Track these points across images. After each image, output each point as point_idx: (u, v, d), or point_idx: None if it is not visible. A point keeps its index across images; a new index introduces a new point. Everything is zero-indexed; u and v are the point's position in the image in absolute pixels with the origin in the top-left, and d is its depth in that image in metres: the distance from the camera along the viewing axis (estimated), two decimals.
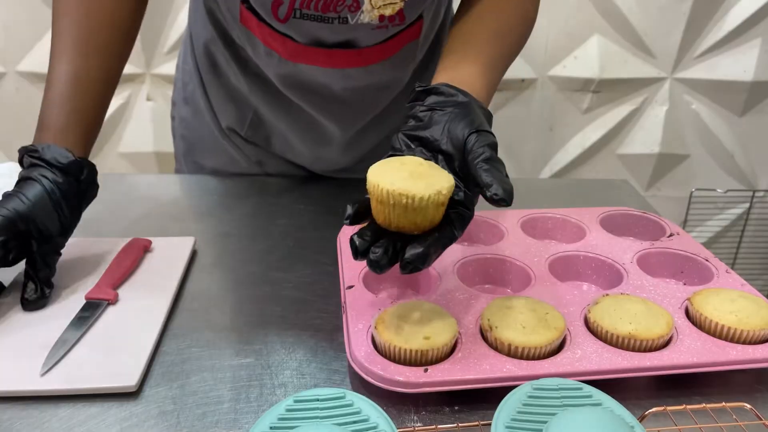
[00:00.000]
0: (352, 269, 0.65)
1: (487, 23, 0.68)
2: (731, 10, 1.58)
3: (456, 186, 0.52)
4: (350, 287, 0.63)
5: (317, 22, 0.70)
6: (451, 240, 0.51)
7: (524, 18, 0.72)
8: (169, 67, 1.57)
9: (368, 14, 0.70)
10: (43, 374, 0.52)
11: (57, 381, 0.52)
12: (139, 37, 0.73)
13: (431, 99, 0.57)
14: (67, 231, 0.64)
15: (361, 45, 0.74)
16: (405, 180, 0.48)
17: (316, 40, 0.73)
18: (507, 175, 0.50)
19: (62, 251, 0.64)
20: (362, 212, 0.51)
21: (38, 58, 1.56)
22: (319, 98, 0.81)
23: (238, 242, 0.77)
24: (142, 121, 1.64)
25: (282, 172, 0.94)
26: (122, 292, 0.64)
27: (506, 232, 0.74)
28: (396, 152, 0.56)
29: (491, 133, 0.54)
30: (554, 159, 1.74)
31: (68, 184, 0.63)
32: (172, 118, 0.97)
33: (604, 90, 1.66)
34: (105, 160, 1.68)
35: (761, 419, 0.49)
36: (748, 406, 0.50)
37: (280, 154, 0.92)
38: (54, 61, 0.66)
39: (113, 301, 0.62)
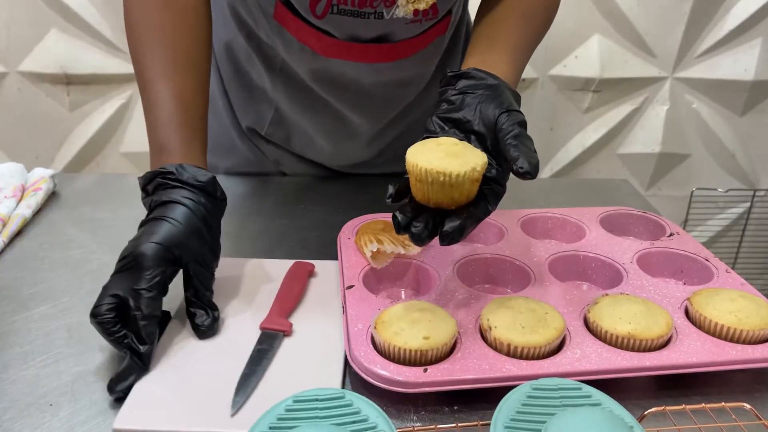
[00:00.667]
0: (351, 269, 0.66)
1: (515, 7, 0.70)
2: (732, 10, 1.58)
3: (489, 164, 0.56)
4: (350, 287, 0.63)
5: (353, 17, 0.71)
6: (486, 214, 0.55)
7: (551, 1, 0.75)
8: None
9: (403, 9, 0.71)
10: (233, 415, 0.50)
11: (250, 422, 0.47)
12: None
13: (462, 83, 0.60)
14: (216, 251, 0.62)
15: (394, 40, 0.76)
16: (441, 159, 0.52)
17: (351, 35, 0.74)
18: (535, 150, 0.54)
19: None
20: (402, 191, 0.55)
21: (40, 58, 1.56)
22: (348, 93, 0.82)
23: (239, 242, 0.77)
24: (143, 121, 1.64)
25: (298, 171, 0.95)
26: (293, 320, 0.61)
27: (506, 231, 0.74)
28: (430, 134, 0.59)
29: (520, 112, 0.58)
30: (555, 158, 1.74)
31: (209, 202, 0.61)
32: None
33: (605, 89, 1.66)
34: (107, 160, 1.68)
35: (761, 419, 0.49)
36: (748, 406, 0.50)
37: (299, 153, 0.92)
38: (151, 83, 0.65)
39: (288, 332, 0.59)
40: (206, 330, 0.58)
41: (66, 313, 0.63)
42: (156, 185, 0.61)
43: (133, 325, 0.54)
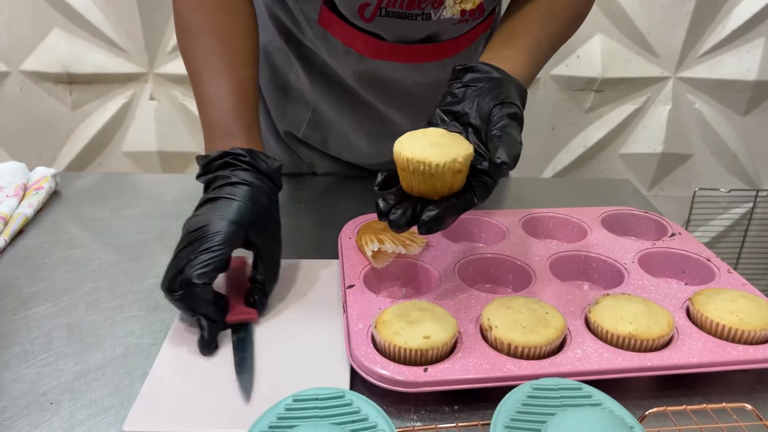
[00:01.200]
0: (352, 268, 0.65)
1: (538, 5, 0.70)
2: (734, 10, 1.58)
3: (481, 156, 0.56)
4: (351, 286, 0.63)
5: (402, 19, 0.71)
6: (469, 205, 0.55)
7: (579, 2, 0.74)
8: (172, 67, 1.57)
9: (450, 9, 0.71)
10: (248, 400, 0.51)
11: (269, 400, 0.47)
12: (141, 36, 0.74)
13: (468, 76, 0.61)
14: (280, 238, 0.63)
15: (441, 39, 0.76)
16: (424, 149, 0.53)
17: (399, 37, 0.74)
18: (520, 142, 0.55)
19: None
20: (390, 180, 0.56)
21: (42, 57, 1.56)
22: (391, 93, 0.82)
23: None
24: (145, 121, 1.64)
25: (332, 171, 0.96)
26: (295, 320, 0.62)
27: (507, 231, 0.74)
28: (431, 126, 0.60)
29: (515, 104, 0.58)
30: (557, 158, 1.74)
31: (270, 188, 0.63)
32: None
33: (607, 89, 1.65)
34: (109, 159, 1.68)
35: (762, 420, 0.49)
36: (749, 406, 0.50)
37: (335, 154, 0.93)
38: (211, 77, 0.67)
39: (255, 319, 0.60)
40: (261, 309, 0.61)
41: (67, 311, 0.63)
42: (224, 164, 0.62)
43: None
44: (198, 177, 0.64)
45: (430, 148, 0.53)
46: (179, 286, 0.56)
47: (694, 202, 1.74)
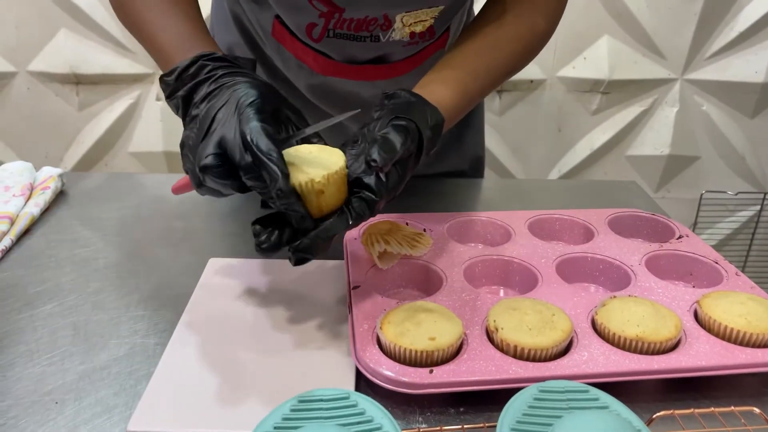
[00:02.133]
0: (358, 269, 0.65)
1: (485, 35, 0.68)
2: (742, 11, 1.57)
3: (367, 172, 0.53)
4: (356, 287, 0.62)
5: (350, 40, 0.71)
6: (341, 227, 0.51)
7: (531, 31, 0.71)
8: None
9: (399, 32, 0.70)
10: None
11: (274, 401, 0.47)
12: None
13: (388, 102, 0.58)
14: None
15: (391, 60, 0.75)
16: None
17: (348, 57, 0.74)
18: (398, 149, 0.51)
19: None
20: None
21: (49, 58, 1.57)
22: (348, 105, 0.81)
23: (243, 242, 0.77)
24: (151, 121, 1.65)
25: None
26: (297, 319, 0.61)
27: (513, 233, 0.73)
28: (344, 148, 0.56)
29: (411, 120, 0.54)
30: (563, 160, 1.73)
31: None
32: None
33: (614, 91, 1.65)
34: (115, 159, 1.69)
35: None
36: (757, 410, 0.50)
37: None
38: (156, 19, 0.61)
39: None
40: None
41: (72, 311, 0.63)
42: (200, 67, 0.55)
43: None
44: (168, 98, 0.56)
45: (292, 169, 0.50)
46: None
47: (701, 204, 1.74)
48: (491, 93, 1.63)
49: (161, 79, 0.57)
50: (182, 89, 0.55)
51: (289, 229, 0.51)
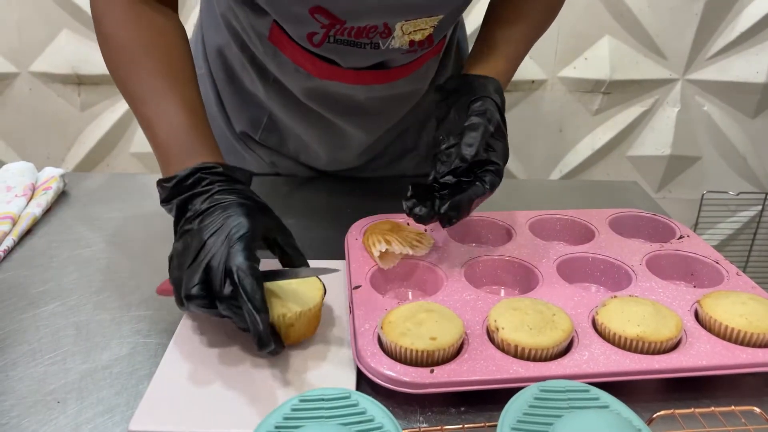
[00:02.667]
0: (359, 269, 0.65)
1: (514, 7, 0.76)
2: (744, 11, 1.57)
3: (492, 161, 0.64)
4: (357, 287, 0.63)
5: (350, 47, 0.71)
6: (479, 193, 0.64)
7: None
8: None
9: (399, 40, 0.71)
10: None
11: (275, 400, 0.49)
12: None
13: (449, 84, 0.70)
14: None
15: (390, 66, 0.76)
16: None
17: (348, 63, 0.74)
18: (484, 134, 0.64)
19: None
20: (417, 190, 0.65)
21: (51, 58, 1.57)
22: (342, 107, 0.81)
23: None
24: None
25: (293, 172, 0.95)
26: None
27: (514, 233, 0.74)
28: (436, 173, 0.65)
29: (488, 97, 0.66)
30: (564, 160, 1.73)
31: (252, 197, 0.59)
32: None
33: (615, 91, 1.65)
34: (116, 160, 1.69)
35: None
36: (758, 410, 0.50)
37: (294, 157, 0.92)
38: (156, 98, 0.63)
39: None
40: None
41: (74, 311, 0.63)
42: (197, 180, 0.57)
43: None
44: (163, 202, 0.59)
45: (268, 297, 0.54)
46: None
47: (703, 204, 1.73)
48: None
49: (159, 183, 0.60)
50: (178, 198, 0.58)
51: (432, 199, 0.64)
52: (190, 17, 1.55)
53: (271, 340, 0.51)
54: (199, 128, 0.63)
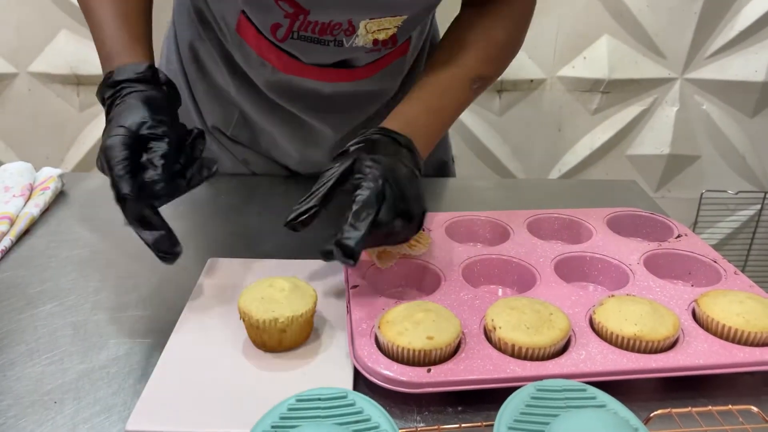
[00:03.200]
0: (356, 269, 0.65)
1: (448, 50, 0.73)
2: (742, 10, 1.57)
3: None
4: (355, 287, 0.63)
5: (314, 43, 0.72)
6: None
7: (492, 43, 0.75)
8: None
9: (363, 38, 0.71)
10: None
11: (272, 400, 0.47)
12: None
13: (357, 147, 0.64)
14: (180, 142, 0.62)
15: (354, 65, 0.77)
16: (253, 301, 0.56)
17: (312, 59, 0.75)
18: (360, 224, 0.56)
19: None
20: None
21: (50, 58, 1.57)
22: (309, 102, 0.82)
23: (241, 242, 0.78)
24: None
25: (268, 171, 0.94)
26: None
27: (512, 232, 0.74)
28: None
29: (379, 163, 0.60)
30: (563, 160, 1.73)
31: (154, 90, 0.62)
32: None
33: (614, 90, 1.65)
34: None
35: None
36: (755, 408, 0.50)
37: (266, 154, 0.92)
38: (95, 8, 0.67)
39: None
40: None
41: (72, 311, 0.63)
42: (104, 93, 0.62)
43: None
44: (98, 93, 0.64)
45: (261, 302, 0.56)
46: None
47: (702, 204, 1.73)
48: (491, 94, 1.63)
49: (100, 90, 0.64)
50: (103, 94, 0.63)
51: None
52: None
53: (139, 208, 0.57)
54: (125, 31, 0.66)
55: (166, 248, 0.58)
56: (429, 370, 0.51)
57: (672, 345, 0.55)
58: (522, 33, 0.77)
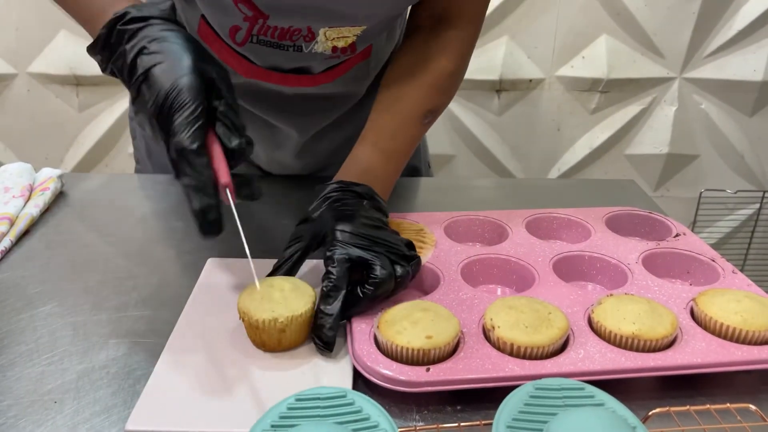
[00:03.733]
0: None
1: (394, 85, 0.73)
2: (741, 10, 1.57)
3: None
4: None
5: (273, 48, 0.72)
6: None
7: (439, 74, 0.74)
8: None
9: (322, 45, 0.71)
10: None
11: (271, 400, 0.48)
12: None
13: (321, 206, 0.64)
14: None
15: (313, 72, 0.77)
16: (253, 301, 0.56)
17: (271, 64, 0.75)
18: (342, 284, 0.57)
19: None
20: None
21: (49, 59, 1.57)
22: (272, 104, 0.82)
23: (241, 242, 0.77)
24: None
25: (244, 171, 0.94)
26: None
27: (510, 231, 0.74)
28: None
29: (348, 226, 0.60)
30: (562, 159, 1.73)
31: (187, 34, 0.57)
32: (131, 118, 0.98)
33: (613, 90, 1.65)
34: (115, 160, 1.69)
35: (766, 420, 0.49)
36: (753, 407, 0.50)
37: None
38: None
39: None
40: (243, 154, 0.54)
41: (71, 311, 0.64)
42: (128, 33, 0.55)
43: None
44: (91, 48, 0.56)
45: (260, 302, 0.55)
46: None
47: (700, 203, 1.74)
48: (490, 94, 1.63)
49: (89, 50, 0.57)
50: (101, 45, 0.56)
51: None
52: None
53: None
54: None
55: (215, 217, 0.52)
56: (428, 370, 0.51)
57: (670, 344, 0.55)
58: (468, 58, 0.77)
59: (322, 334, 0.55)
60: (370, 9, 0.69)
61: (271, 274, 0.61)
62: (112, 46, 0.56)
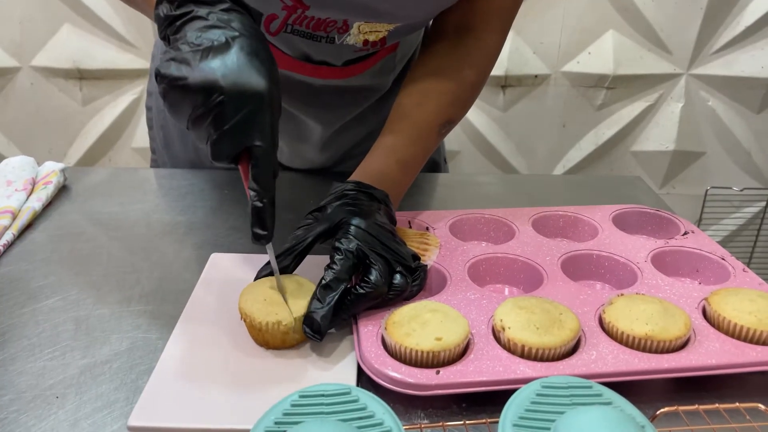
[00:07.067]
0: None
1: (413, 92, 0.73)
2: (749, 6, 1.56)
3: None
4: None
5: (305, 38, 0.72)
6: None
7: (460, 84, 0.74)
8: None
9: (354, 37, 0.72)
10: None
11: (275, 396, 0.47)
12: (151, 32, 0.73)
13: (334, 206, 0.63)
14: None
15: (341, 63, 0.77)
16: (255, 303, 0.55)
17: (301, 54, 0.75)
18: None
19: None
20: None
21: (53, 53, 1.56)
22: (299, 96, 0.81)
23: (245, 237, 0.77)
24: None
25: None
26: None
27: (517, 230, 0.73)
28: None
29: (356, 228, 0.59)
30: (568, 156, 1.73)
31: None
32: (148, 108, 0.98)
33: (619, 86, 1.64)
34: (118, 154, 1.69)
35: None
36: (763, 407, 0.49)
37: None
38: None
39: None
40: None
41: (74, 305, 0.63)
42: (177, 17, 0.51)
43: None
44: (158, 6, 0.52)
45: (264, 304, 0.55)
46: None
47: (707, 200, 1.73)
48: (495, 90, 1.62)
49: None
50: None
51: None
52: None
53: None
54: None
55: (267, 219, 0.52)
56: (438, 372, 0.50)
57: (683, 345, 0.54)
58: (490, 69, 0.77)
59: (313, 322, 0.54)
60: (411, 10, 0.69)
61: (281, 255, 0.59)
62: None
